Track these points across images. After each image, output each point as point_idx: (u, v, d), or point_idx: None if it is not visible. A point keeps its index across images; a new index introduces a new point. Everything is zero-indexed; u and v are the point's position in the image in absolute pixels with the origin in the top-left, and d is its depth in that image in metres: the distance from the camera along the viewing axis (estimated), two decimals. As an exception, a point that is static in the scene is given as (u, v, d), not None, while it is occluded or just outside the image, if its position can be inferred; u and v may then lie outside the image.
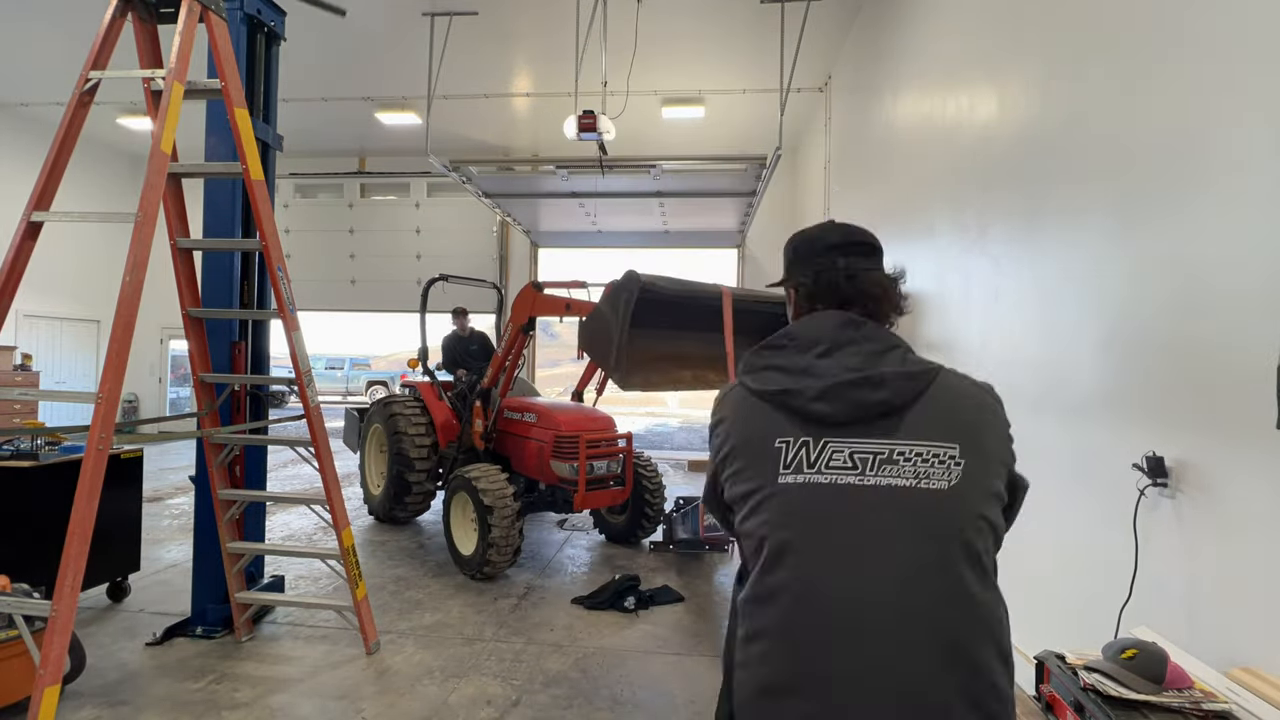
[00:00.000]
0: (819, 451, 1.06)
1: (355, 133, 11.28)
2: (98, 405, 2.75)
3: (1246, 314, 2.11)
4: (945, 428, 1.07)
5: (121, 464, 4.25)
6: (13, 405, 8.73)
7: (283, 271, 3.56)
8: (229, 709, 3.06)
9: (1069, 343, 3.10)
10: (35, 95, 9.97)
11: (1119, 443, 2.65)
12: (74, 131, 3.21)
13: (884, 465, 1.04)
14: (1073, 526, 3.03)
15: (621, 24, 6.81)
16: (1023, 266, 3.57)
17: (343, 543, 3.59)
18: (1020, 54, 3.67)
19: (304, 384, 3.57)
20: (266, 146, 3.99)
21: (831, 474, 1.05)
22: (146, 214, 2.96)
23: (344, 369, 26.29)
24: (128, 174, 12.58)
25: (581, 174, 7.77)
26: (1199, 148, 2.34)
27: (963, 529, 1.03)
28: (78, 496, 2.66)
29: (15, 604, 2.82)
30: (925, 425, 1.07)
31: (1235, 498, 2.13)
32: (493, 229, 12.38)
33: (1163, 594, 2.40)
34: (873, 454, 1.05)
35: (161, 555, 5.29)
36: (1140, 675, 1.83)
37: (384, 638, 3.84)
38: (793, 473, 1.07)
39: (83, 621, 3.93)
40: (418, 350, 6.71)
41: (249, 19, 3.93)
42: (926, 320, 4.93)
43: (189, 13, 3.26)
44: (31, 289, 4.50)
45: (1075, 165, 3.09)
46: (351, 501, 7.40)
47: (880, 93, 6.24)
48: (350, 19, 7.36)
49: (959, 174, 4.42)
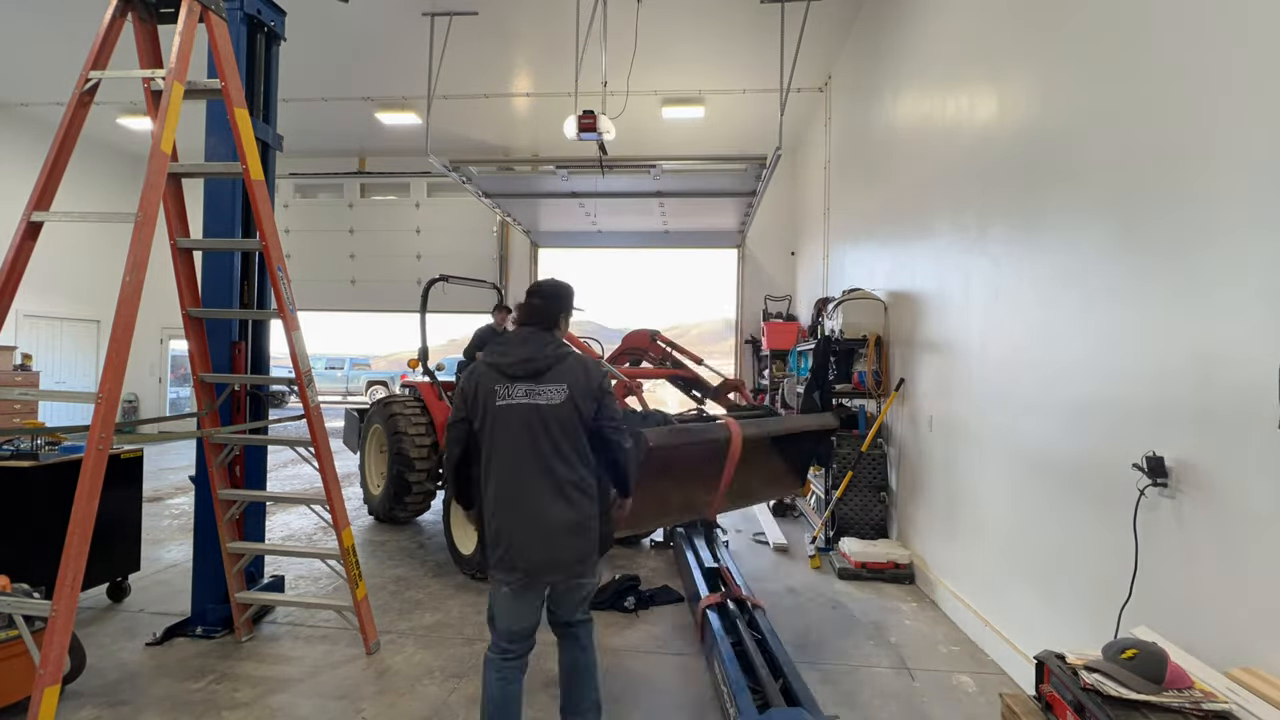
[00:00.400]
0: (510, 388, 2.47)
1: (355, 133, 11.28)
2: (98, 405, 2.75)
3: (1247, 314, 2.11)
4: (561, 377, 2.48)
5: (121, 464, 4.26)
6: (13, 405, 8.72)
7: (283, 271, 3.56)
8: (229, 709, 3.06)
9: (1069, 342, 3.10)
10: (35, 95, 9.97)
11: (1119, 443, 2.65)
12: (74, 131, 3.21)
13: (533, 394, 2.45)
14: (1073, 526, 3.03)
15: (621, 24, 6.81)
16: (1023, 266, 3.57)
17: (343, 543, 3.59)
18: (1020, 54, 3.67)
19: (304, 384, 3.57)
20: (266, 146, 3.99)
21: (514, 399, 2.46)
22: (146, 214, 2.96)
23: (344, 369, 26.28)
24: (128, 174, 12.58)
25: (581, 174, 7.77)
26: (1199, 147, 2.34)
27: (562, 420, 2.45)
28: (78, 496, 2.66)
29: (15, 604, 2.82)
30: (552, 376, 2.48)
31: (1235, 498, 2.13)
32: (493, 229, 12.38)
33: (1163, 594, 2.40)
34: (529, 389, 2.46)
35: (161, 555, 5.29)
36: (1140, 675, 1.83)
37: (384, 638, 3.84)
38: (500, 399, 2.46)
39: (83, 621, 3.93)
40: (418, 350, 6.70)
41: (249, 19, 3.93)
42: (927, 320, 4.93)
43: (189, 13, 3.26)
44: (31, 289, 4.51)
45: (1075, 165, 3.09)
46: (351, 501, 7.40)
47: (880, 92, 6.24)
48: (350, 19, 7.37)
49: (959, 174, 4.42)
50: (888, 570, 5.00)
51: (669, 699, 3.28)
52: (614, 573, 4.98)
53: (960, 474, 4.27)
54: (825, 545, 5.64)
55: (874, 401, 5.88)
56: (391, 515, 6.29)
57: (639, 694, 3.32)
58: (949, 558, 4.48)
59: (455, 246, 12.41)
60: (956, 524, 4.33)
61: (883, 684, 3.43)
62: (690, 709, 3.19)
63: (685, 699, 3.28)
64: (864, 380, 5.80)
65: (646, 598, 4.51)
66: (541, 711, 3.10)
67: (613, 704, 3.20)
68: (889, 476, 5.65)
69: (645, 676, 3.50)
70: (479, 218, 12.24)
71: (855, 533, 5.62)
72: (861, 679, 3.48)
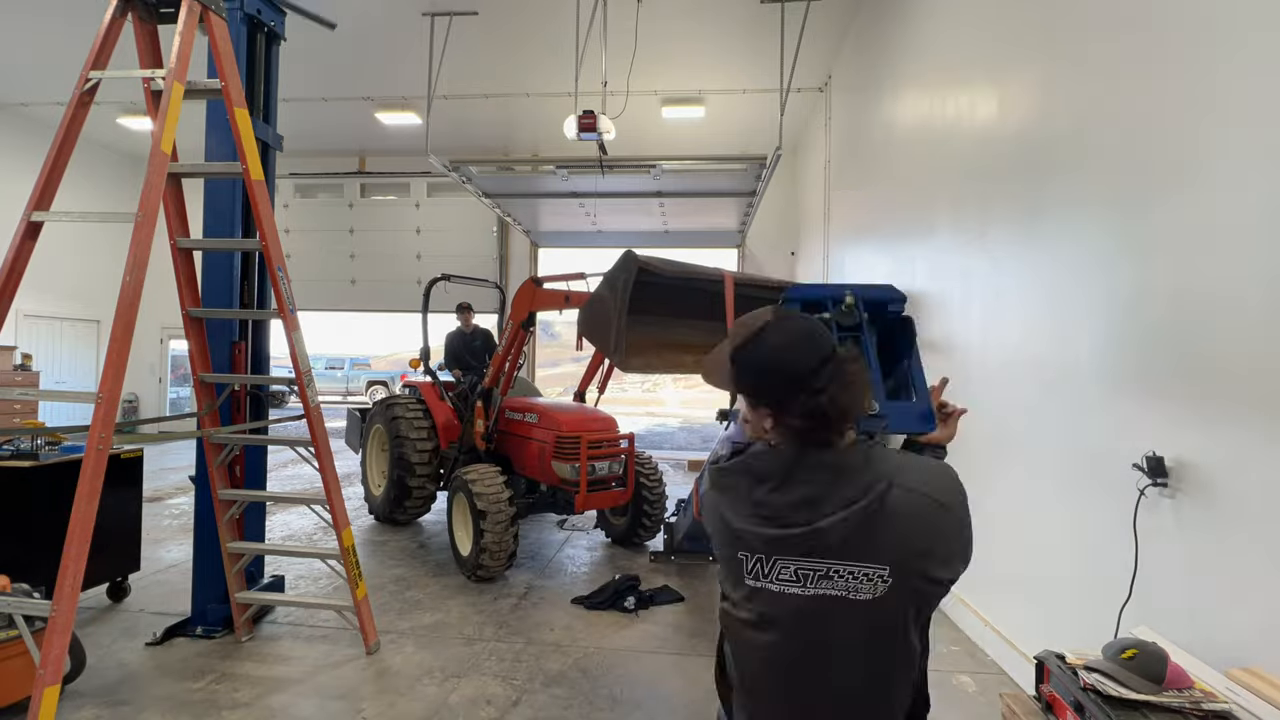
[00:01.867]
0: (770, 566, 1.19)
1: (355, 133, 11.28)
2: (97, 405, 2.75)
3: (1248, 313, 2.11)
4: (876, 549, 1.14)
5: (121, 464, 4.25)
6: (13, 405, 8.72)
7: (282, 271, 3.56)
8: (229, 709, 3.06)
9: (1069, 342, 3.10)
10: (35, 95, 9.97)
11: (1119, 443, 2.65)
12: (74, 131, 3.21)
13: (821, 580, 1.16)
14: (1072, 526, 3.03)
15: (621, 24, 6.81)
16: (1023, 266, 3.57)
17: (343, 543, 3.59)
18: (1020, 53, 3.67)
19: (304, 384, 3.57)
20: (266, 146, 3.99)
21: (781, 584, 1.18)
22: (146, 214, 2.96)
23: (344, 369, 26.28)
24: (128, 174, 12.58)
25: (581, 174, 7.78)
26: (1199, 146, 2.34)
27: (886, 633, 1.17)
28: (78, 496, 2.66)
29: (15, 604, 2.82)
30: (858, 548, 1.14)
31: (1235, 498, 2.13)
32: (493, 229, 12.38)
33: (1163, 594, 2.40)
34: (812, 570, 1.16)
35: (161, 555, 5.29)
36: (1140, 675, 1.83)
37: (384, 638, 3.84)
38: (751, 579, 1.21)
39: (83, 621, 3.93)
40: (419, 350, 6.64)
41: (249, 19, 3.93)
42: (926, 320, 4.93)
43: (189, 13, 3.26)
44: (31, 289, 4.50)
45: (1075, 164, 3.09)
46: (351, 501, 7.40)
47: (880, 92, 6.24)
48: (350, 19, 7.36)
49: (959, 174, 4.42)
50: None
51: (669, 699, 3.28)
52: (614, 573, 4.99)
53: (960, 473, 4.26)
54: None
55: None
56: (391, 517, 6.28)
57: (639, 694, 3.32)
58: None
59: (455, 246, 12.40)
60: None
61: (883, 684, 3.43)
62: (690, 709, 3.19)
63: (685, 699, 3.28)
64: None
65: (646, 598, 4.51)
66: (542, 711, 3.10)
67: (613, 704, 3.21)
68: (889, 476, 5.64)
69: (645, 676, 3.50)
70: (479, 218, 12.23)
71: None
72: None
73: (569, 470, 5.05)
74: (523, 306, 5.36)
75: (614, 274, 3.79)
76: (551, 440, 5.14)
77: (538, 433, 5.35)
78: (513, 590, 4.73)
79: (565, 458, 5.07)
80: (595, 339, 4.06)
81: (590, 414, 5.47)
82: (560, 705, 3.16)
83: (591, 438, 5.12)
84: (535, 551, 5.71)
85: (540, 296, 5.33)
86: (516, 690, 3.29)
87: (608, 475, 5.23)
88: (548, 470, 5.18)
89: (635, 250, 3.71)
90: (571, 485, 5.08)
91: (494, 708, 3.11)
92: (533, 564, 5.37)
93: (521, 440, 5.53)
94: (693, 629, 4.12)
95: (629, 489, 5.42)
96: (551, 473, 5.15)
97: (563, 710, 3.12)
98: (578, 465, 5.01)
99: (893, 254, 5.84)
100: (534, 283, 5.39)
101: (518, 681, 3.38)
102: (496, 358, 5.63)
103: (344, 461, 10.28)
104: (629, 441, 5.43)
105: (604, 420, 5.46)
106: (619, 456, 5.33)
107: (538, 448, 5.29)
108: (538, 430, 5.36)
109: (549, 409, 5.48)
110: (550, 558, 5.57)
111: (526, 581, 4.93)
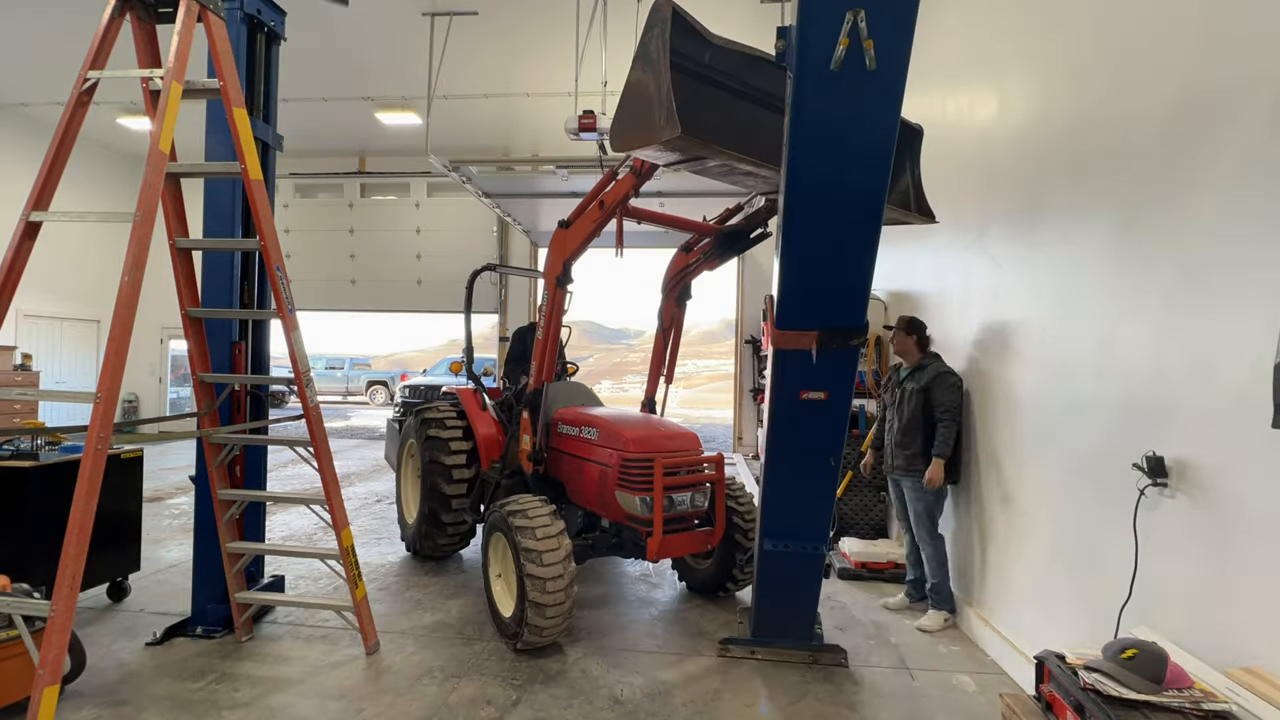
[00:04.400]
0: None
1: (355, 133, 11.28)
2: (96, 405, 2.75)
3: (1246, 313, 2.10)
4: None
5: (121, 464, 4.25)
6: (13, 405, 8.72)
7: (281, 271, 3.55)
8: (229, 709, 3.06)
9: (1068, 342, 3.09)
10: (35, 95, 9.97)
11: (1119, 443, 2.65)
12: (73, 131, 3.21)
13: None
14: (1073, 526, 3.03)
15: (621, 24, 6.81)
16: (1023, 266, 3.57)
17: (342, 543, 3.59)
18: (1020, 54, 3.66)
19: (303, 384, 3.57)
20: (266, 146, 3.99)
21: None
22: (145, 213, 2.95)
23: (344, 369, 26.30)
24: (128, 174, 12.58)
25: (581, 174, 7.77)
26: (1199, 145, 2.33)
27: None
28: (76, 496, 2.66)
29: (15, 604, 2.82)
30: None
31: (1235, 498, 2.13)
32: (493, 229, 12.38)
33: (1163, 594, 2.40)
34: None
35: (161, 555, 5.29)
36: (1140, 675, 1.83)
37: (384, 638, 3.84)
38: None
39: (83, 621, 3.92)
40: (462, 351, 5.54)
41: (249, 19, 3.92)
42: (926, 320, 4.92)
43: (187, 12, 3.26)
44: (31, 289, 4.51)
45: (1075, 164, 3.09)
46: (351, 501, 7.40)
47: (880, 92, 6.22)
48: (350, 19, 7.37)
49: (958, 174, 4.42)
50: (888, 570, 5.00)
51: (669, 699, 3.27)
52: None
53: (959, 473, 4.26)
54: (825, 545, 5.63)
55: (874, 401, 5.88)
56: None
57: (639, 694, 3.31)
58: (949, 557, 4.47)
59: (455, 246, 12.40)
60: (956, 523, 4.32)
61: (883, 684, 3.43)
62: (690, 708, 3.19)
63: (685, 699, 3.27)
64: (864, 380, 5.80)
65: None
66: (542, 711, 3.10)
67: (613, 704, 3.20)
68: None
69: (646, 676, 3.50)
70: (479, 218, 12.23)
71: (855, 533, 5.62)
72: (861, 679, 3.48)
73: (638, 505, 3.86)
74: (557, 258, 4.26)
75: (645, 39, 2.91)
76: (615, 463, 3.94)
77: (597, 452, 4.14)
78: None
79: (633, 487, 3.87)
80: (637, 131, 2.90)
81: (665, 429, 4.22)
82: (560, 705, 3.16)
83: (668, 461, 3.88)
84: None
85: (573, 231, 4.19)
86: (517, 690, 3.28)
87: (690, 511, 4.04)
88: (610, 502, 4.01)
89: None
90: (642, 524, 3.92)
91: (494, 708, 3.11)
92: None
93: (577, 462, 4.31)
94: (693, 629, 4.12)
95: (719, 528, 4.12)
96: (615, 505, 3.98)
97: (563, 710, 3.11)
98: (650, 498, 3.83)
99: (893, 253, 5.83)
100: (562, 226, 4.27)
101: (518, 681, 3.37)
102: (538, 344, 4.38)
103: (342, 461, 10.31)
104: (717, 466, 4.18)
105: (684, 437, 4.18)
106: (703, 486, 4.09)
107: (597, 473, 4.09)
108: (597, 450, 4.15)
109: (611, 422, 4.21)
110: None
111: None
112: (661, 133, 2.71)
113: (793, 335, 3.09)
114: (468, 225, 12.44)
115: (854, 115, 2.66)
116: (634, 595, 4.71)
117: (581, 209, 4.14)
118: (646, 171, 3.64)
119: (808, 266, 3.00)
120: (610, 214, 3.95)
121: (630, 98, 2.96)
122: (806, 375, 3.12)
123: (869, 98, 2.59)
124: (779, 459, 3.40)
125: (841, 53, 2.48)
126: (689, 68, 2.93)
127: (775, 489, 3.45)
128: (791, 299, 3.09)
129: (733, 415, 11.94)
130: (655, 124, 2.76)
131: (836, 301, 3.04)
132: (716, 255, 4.66)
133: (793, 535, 3.48)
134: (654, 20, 2.86)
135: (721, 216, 4.63)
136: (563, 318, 4.46)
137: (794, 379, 3.17)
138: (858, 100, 2.60)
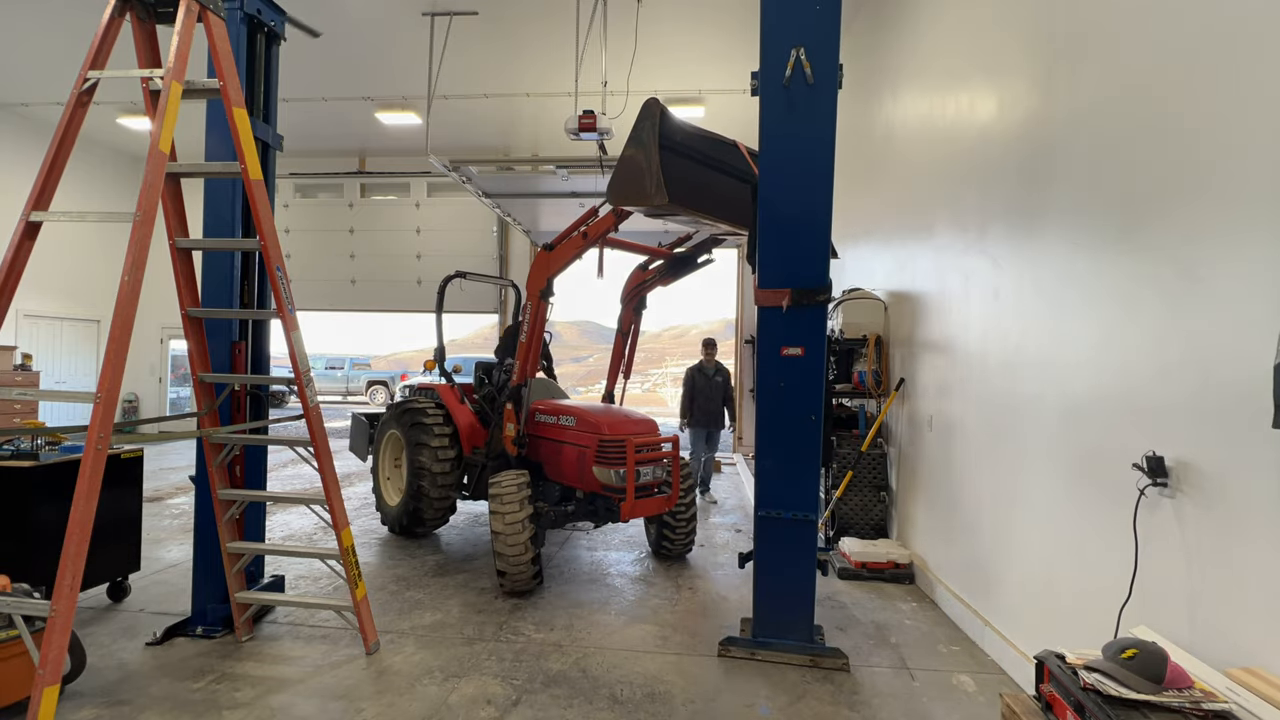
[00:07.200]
0: None
1: (355, 133, 11.29)
2: (96, 405, 2.75)
3: (1246, 313, 2.10)
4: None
5: (121, 464, 4.26)
6: (13, 405, 8.72)
7: (281, 271, 3.55)
8: (229, 709, 3.06)
9: (1068, 342, 3.09)
10: (35, 95, 9.97)
11: (1119, 443, 2.65)
12: (73, 131, 3.21)
13: None
14: (1073, 526, 3.03)
15: (621, 24, 6.81)
16: (1023, 266, 3.57)
17: (342, 543, 3.59)
18: (1020, 53, 3.66)
19: (303, 384, 3.57)
20: (266, 146, 3.99)
21: None
22: (145, 213, 2.96)
23: (344, 369, 26.31)
24: (128, 174, 12.59)
25: (581, 174, 7.78)
26: (1198, 145, 2.33)
27: None
28: (76, 496, 2.66)
29: (15, 604, 2.82)
30: None
31: (1235, 498, 2.13)
32: (493, 229, 12.38)
33: (1163, 594, 2.40)
34: None
35: (161, 555, 5.29)
36: (1140, 675, 1.83)
37: (384, 638, 3.84)
38: None
39: (83, 621, 3.93)
40: (434, 351, 6.36)
41: (249, 19, 3.92)
42: (926, 320, 4.92)
43: (187, 12, 3.26)
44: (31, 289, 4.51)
45: (1075, 165, 3.09)
46: (351, 501, 7.40)
47: (880, 92, 6.24)
48: (350, 19, 7.37)
49: (959, 174, 4.42)
50: (888, 570, 5.00)
51: (669, 699, 3.28)
52: (613, 578, 4.93)
53: (960, 473, 4.27)
54: (825, 545, 5.64)
55: (874, 401, 5.88)
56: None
57: (639, 694, 3.31)
58: (949, 557, 4.47)
59: (455, 246, 12.41)
60: (956, 524, 4.32)
61: (883, 684, 3.43)
62: (690, 708, 3.19)
63: (685, 699, 3.27)
64: (864, 380, 5.80)
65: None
66: (542, 711, 3.10)
67: (613, 704, 3.20)
68: (889, 476, 5.65)
69: (646, 676, 3.50)
70: (479, 218, 12.25)
71: (855, 533, 5.62)
72: (861, 679, 3.48)
73: (613, 476, 4.78)
74: (540, 274, 4.98)
75: (638, 127, 3.80)
76: (593, 444, 4.85)
77: (575, 436, 5.05)
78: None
79: (609, 463, 4.80)
80: (630, 194, 3.87)
81: (631, 416, 5.22)
82: (560, 705, 3.16)
83: (637, 440, 4.87)
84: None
85: (556, 254, 4.90)
86: (517, 690, 3.29)
87: (652, 481, 5.00)
88: (587, 476, 4.89)
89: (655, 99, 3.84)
90: (615, 492, 4.82)
91: (494, 708, 3.11)
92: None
93: (555, 445, 5.21)
94: (693, 629, 4.12)
95: (674, 493, 5.15)
96: (591, 479, 4.85)
97: (563, 710, 3.11)
98: (623, 471, 4.76)
99: (893, 253, 5.84)
100: (545, 249, 4.99)
101: (518, 681, 3.37)
102: (521, 346, 5.17)
103: (344, 462, 10.31)
104: (673, 444, 5.20)
105: (647, 423, 5.20)
106: (663, 460, 5.10)
107: (575, 453, 5.00)
108: (574, 434, 5.06)
109: (586, 412, 5.19)
110: (549, 556, 5.56)
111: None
112: (652, 199, 3.72)
113: (771, 294, 3.76)
114: (468, 225, 12.45)
115: (803, 115, 3.71)
116: (634, 595, 4.72)
117: (565, 235, 4.86)
118: (625, 213, 4.36)
119: (779, 227, 3.78)
120: (592, 244, 4.72)
121: (625, 167, 3.91)
122: (785, 330, 3.75)
123: (812, 101, 3.71)
124: (769, 425, 3.82)
125: (790, 73, 3.66)
126: (668, 145, 3.84)
127: (766, 456, 3.83)
128: (769, 260, 3.77)
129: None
130: (647, 191, 3.75)
131: (803, 264, 3.74)
132: (669, 274, 5.56)
133: (784, 503, 3.79)
134: (645, 115, 3.80)
135: (673, 244, 5.67)
136: (544, 326, 5.25)
137: (774, 335, 3.77)
138: (806, 104, 3.70)
